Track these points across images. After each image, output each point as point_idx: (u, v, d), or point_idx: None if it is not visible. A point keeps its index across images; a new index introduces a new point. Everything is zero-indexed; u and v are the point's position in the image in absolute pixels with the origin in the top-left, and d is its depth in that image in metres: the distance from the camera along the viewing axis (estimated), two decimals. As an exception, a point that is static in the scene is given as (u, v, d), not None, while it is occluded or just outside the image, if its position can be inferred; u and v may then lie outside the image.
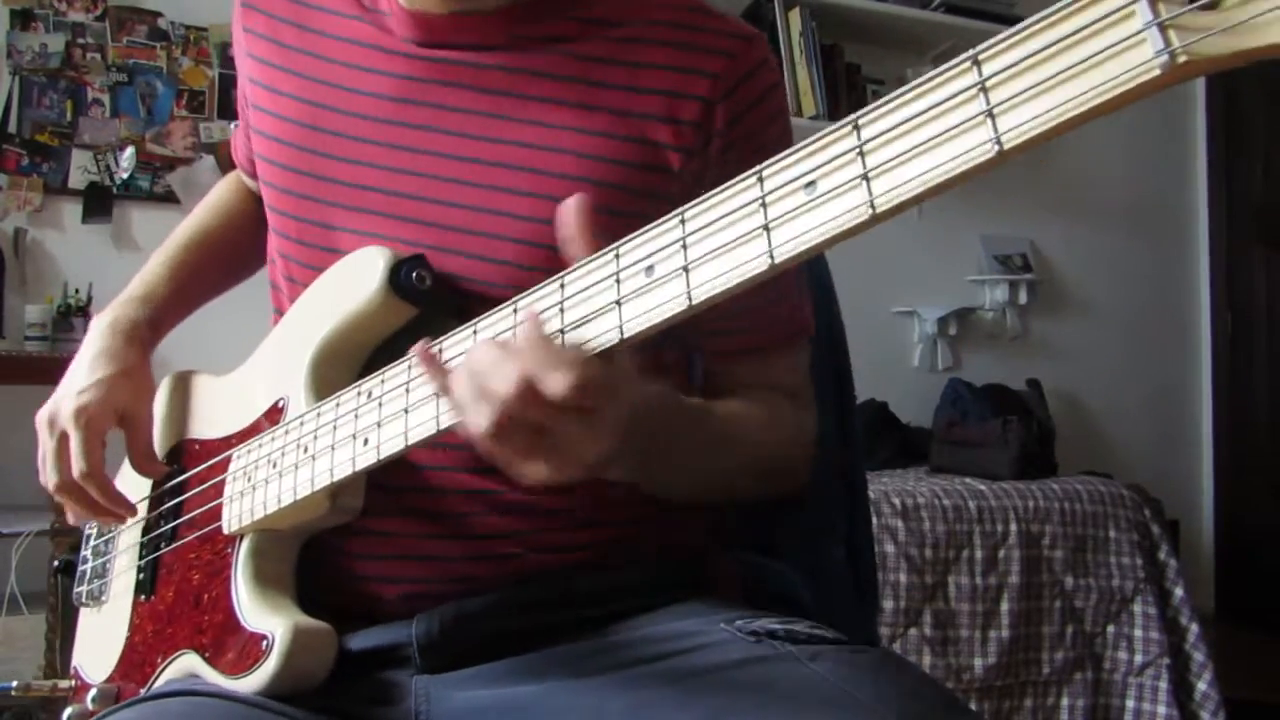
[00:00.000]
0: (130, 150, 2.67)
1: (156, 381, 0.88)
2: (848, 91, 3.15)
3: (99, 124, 2.67)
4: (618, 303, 0.50)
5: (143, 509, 0.84)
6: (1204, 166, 3.82)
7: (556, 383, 0.50)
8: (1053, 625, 2.36)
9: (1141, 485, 2.63)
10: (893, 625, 2.24)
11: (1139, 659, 2.38)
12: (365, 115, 0.75)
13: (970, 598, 2.31)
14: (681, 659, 0.65)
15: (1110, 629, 2.40)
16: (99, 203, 2.65)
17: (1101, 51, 0.36)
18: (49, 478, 0.79)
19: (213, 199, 0.99)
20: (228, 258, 0.97)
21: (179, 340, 0.90)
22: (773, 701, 0.59)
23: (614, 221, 0.70)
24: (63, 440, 0.78)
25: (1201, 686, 2.37)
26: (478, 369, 0.53)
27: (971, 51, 0.39)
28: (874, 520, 2.17)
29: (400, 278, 0.68)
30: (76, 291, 2.56)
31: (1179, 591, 2.44)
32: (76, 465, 0.77)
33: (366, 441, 0.62)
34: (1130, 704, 2.37)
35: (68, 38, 2.65)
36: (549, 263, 0.70)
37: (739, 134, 0.73)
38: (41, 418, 0.80)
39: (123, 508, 0.80)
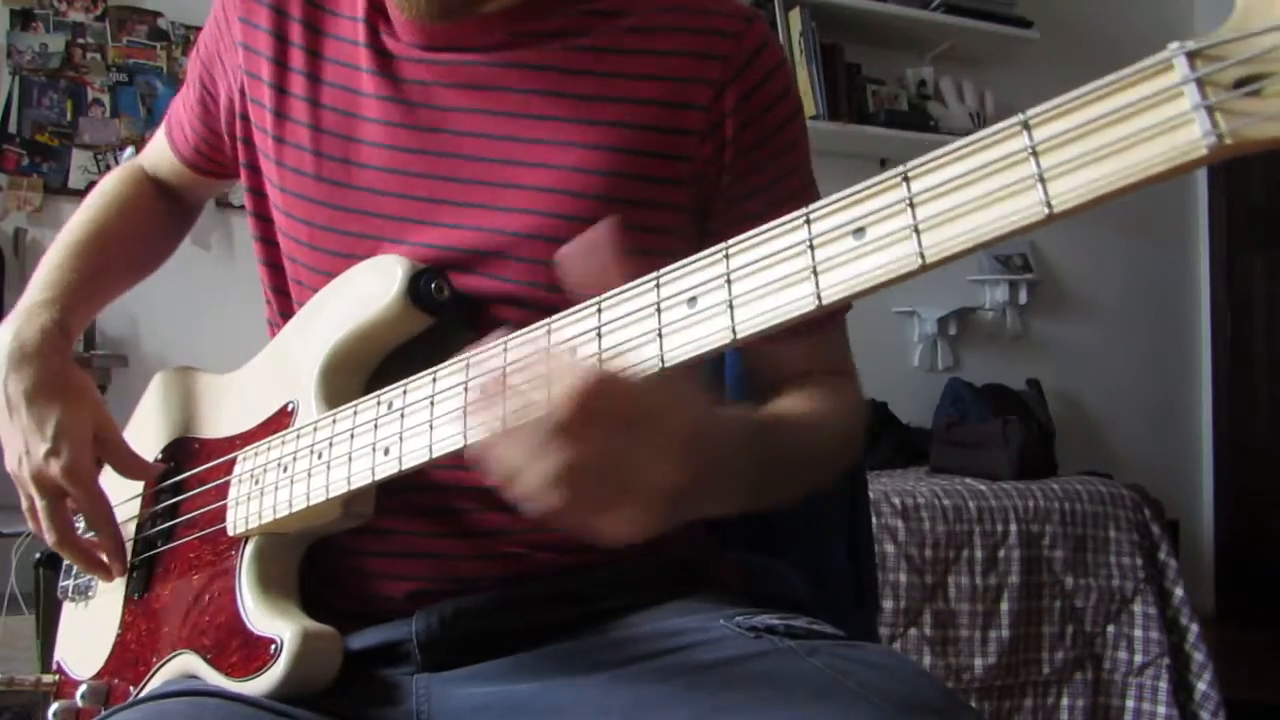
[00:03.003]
0: (130, 150, 2.67)
1: (151, 377, 0.88)
2: (848, 92, 3.14)
3: (99, 124, 2.67)
4: (659, 333, 0.50)
5: (135, 506, 0.83)
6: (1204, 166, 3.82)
7: (594, 403, 0.47)
8: (1053, 625, 2.36)
9: (1141, 485, 2.63)
10: (893, 625, 2.24)
11: (1139, 659, 2.38)
12: (375, 119, 0.75)
13: (970, 598, 2.31)
14: (681, 655, 0.65)
15: (1110, 629, 2.40)
16: (99, 203, 2.65)
17: (1150, 128, 0.38)
18: (46, 535, 0.77)
19: (108, 194, 0.94)
20: (129, 254, 0.93)
21: (172, 339, 0.90)
22: (771, 696, 0.59)
23: (631, 209, 0.71)
24: (57, 496, 0.77)
25: (1201, 686, 2.37)
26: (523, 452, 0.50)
27: (1021, 115, 0.41)
28: (874, 520, 2.17)
29: (419, 287, 0.68)
30: (76, 291, 2.56)
31: (1179, 591, 2.45)
32: (92, 522, 0.77)
33: (388, 452, 0.62)
34: (1130, 704, 2.38)
35: (68, 38, 2.65)
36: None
37: (751, 112, 0.74)
38: (21, 476, 0.77)
39: (120, 560, 0.80)
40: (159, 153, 0.97)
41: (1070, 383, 3.53)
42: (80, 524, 0.80)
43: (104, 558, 0.80)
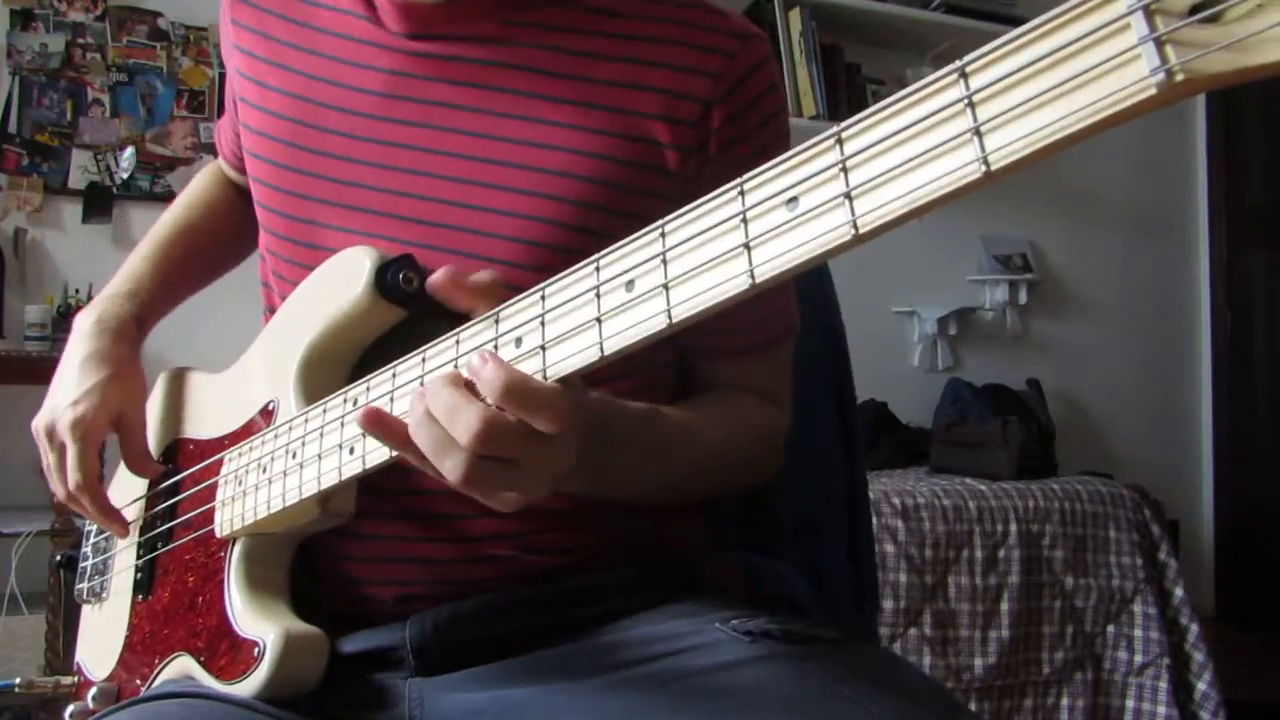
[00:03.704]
0: (130, 150, 2.67)
1: (149, 378, 0.88)
2: (848, 91, 3.14)
3: (99, 124, 2.67)
4: (598, 320, 0.49)
5: (140, 508, 0.84)
6: (1203, 166, 3.82)
7: (524, 420, 0.51)
8: (1053, 625, 2.36)
9: (1141, 485, 2.63)
10: (893, 625, 2.24)
11: (1139, 659, 2.38)
12: (355, 111, 0.74)
13: (970, 598, 2.31)
14: (676, 659, 0.65)
15: (1110, 629, 2.40)
16: (99, 203, 2.65)
17: (1094, 67, 0.33)
18: (55, 488, 0.80)
19: (194, 190, 0.98)
20: (211, 249, 0.96)
21: (172, 337, 0.89)
22: (767, 703, 0.59)
23: (611, 220, 0.70)
24: (62, 452, 0.78)
25: (1201, 686, 2.37)
26: (436, 417, 0.53)
27: (959, 63, 0.37)
28: (874, 520, 2.17)
29: (386, 279, 0.66)
30: (76, 291, 2.56)
31: (1179, 591, 2.44)
32: (71, 478, 0.77)
33: (352, 451, 0.62)
34: (1130, 704, 2.37)
35: (68, 38, 2.65)
36: (544, 261, 0.69)
37: (736, 133, 0.73)
38: (39, 427, 0.80)
39: (115, 521, 0.80)
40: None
41: (1070, 383, 3.52)
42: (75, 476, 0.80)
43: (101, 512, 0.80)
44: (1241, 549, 3.67)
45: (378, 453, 0.60)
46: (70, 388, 0.79)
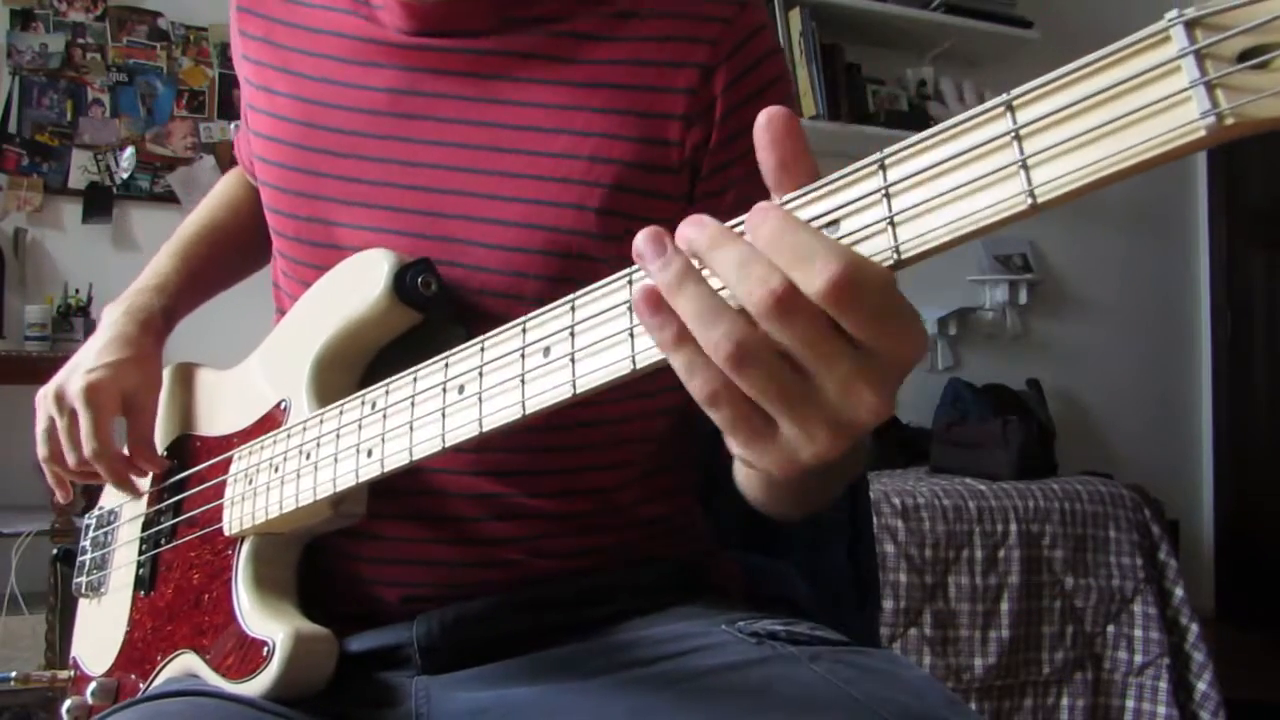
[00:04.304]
0: (130, 150, 2.67)
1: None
2: (848, 91, 3.14)
3: (99, 124, 2.67)
4: (631, 332, 0.48)
5: (143, 503, 0.83)
6: (1203, 166, 3.82)
7: (820, 274, 0.37)
8: (1053, 625, 2.36)
9: (1141, 485, 2.63)
10: (893, 625, 2.24)
11: (1139, 659, 2.38)
12: (360, 109, 0.75)
13: (970, 598, 2.31)
14: (682, 661, 0.65)
15: (1110, 629, 2.40)
16: (99, 203, 2.65)
17: (1144, 107, 0.34)
18: (67, 454, 0.79)
19: (220, 192, 0.99)
20: (236, 249, 0.97)
21: (180, 335, 0.90)
22: (774, 704, 0.59)
23: (621, 198, 0.70)
24: (73, 418, 0.78)
25: (1201, 686, 2.37)
26: (718, 272, 0.40)
27: (1006, 96, 0.38)
28: (874, 520, 2.17)
29: (405, 283, 0.66)
30: (76, 291, 2.56)
31: (1179, 591, 2.45)
32: (87, 446, 0.77)
33: (370, 454, 0.62)
34: (1130, 704, 2.38)
35: (68, 38, 2.65)
36: (550, 244, 0.70)
37: (740, 98, 0.72)
38: (47, 393, 0.80)
39: (130, 486, 0.80)
40: None
41: (1070, 383, 3.52)
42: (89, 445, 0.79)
43: (129, 474, 0.80)
44: (1241, 549, 3.67)
45: (396, 456, 0.60)
46: (87, 360, 0.79)
